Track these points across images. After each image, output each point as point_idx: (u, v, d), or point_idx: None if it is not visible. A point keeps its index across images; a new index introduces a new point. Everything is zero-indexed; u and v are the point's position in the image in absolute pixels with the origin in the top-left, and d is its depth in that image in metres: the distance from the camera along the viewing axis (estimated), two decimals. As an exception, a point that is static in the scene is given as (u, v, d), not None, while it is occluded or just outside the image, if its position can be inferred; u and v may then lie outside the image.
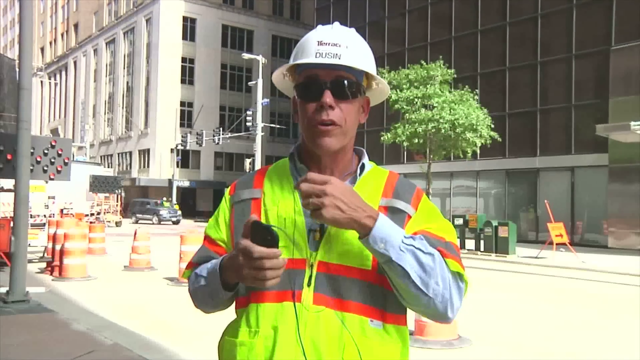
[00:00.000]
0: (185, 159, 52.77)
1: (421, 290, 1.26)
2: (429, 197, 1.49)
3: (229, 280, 1.35)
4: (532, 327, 7.87)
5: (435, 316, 1.33)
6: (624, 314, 9.08)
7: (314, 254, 1.35)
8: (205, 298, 1.45)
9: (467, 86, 24.56)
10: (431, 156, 24.64)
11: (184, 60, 54.43)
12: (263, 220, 1.39)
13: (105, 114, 63.30)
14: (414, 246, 1.26)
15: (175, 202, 46.84)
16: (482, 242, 19.70)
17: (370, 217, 1.26)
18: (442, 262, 1.29)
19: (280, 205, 1.41)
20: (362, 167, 1.46)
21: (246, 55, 36.12)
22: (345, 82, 1.38)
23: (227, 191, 1.54)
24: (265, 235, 1.22)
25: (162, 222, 40.75)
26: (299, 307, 1.32)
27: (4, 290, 8.41)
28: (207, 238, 1.52)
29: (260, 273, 1.22)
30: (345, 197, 1.25)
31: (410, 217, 1.40)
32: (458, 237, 21.96)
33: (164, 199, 46.43)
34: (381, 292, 1.34)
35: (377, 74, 1.48)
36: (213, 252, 1.48)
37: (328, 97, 1.36)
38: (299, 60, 1.41)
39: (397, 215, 1.39)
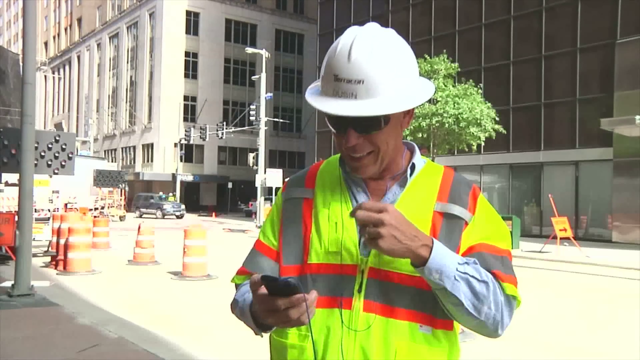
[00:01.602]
0: (189, 153, 52.85)
1: (473, 315, 1.27)
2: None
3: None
4: (535, 322, 7.86)
5: (484, 334, 1.34)
6: (628, 309, 9.06)
7: (365, 260, 1.31)
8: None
9: (471, 80, 24.50)
10: (435, 150, 24.61)
11: (187, 54, 54.42)
12: (313, 221, 1.37)
13: (108, 108, 63.39)
14: (468, 274, 1.24)
15: (172, 194, 46.67)
16: (485, 236, 19.68)
17: (425, 246, 1.22)
18: (496, 288, 1.29)
19: (331, 208, 1.37)
20: (413, 167, 1.38)
21: (250, 50, 35.95)
22: (370, 117, 1.26)
23: (280, 190, 1.50)
24: (281, 286, 1.13)
25: (165, 217, 40.83)
26: (349, 314, 1.30)
27: (9, 284, 8.46)
28: (258, 239, 1.48)
29: (291, 323, 1.17)
30: (402, 226, 1.20)
31: (467, 223, 1.35)
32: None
33: (168, 193, 46.35)
34: (431, 298, 1.30)
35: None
36: (262, 253, 1.45)
37: (352, 138, 1.28)
38: (318, 104, 1.29)
39: (453, 222, 1.34)
